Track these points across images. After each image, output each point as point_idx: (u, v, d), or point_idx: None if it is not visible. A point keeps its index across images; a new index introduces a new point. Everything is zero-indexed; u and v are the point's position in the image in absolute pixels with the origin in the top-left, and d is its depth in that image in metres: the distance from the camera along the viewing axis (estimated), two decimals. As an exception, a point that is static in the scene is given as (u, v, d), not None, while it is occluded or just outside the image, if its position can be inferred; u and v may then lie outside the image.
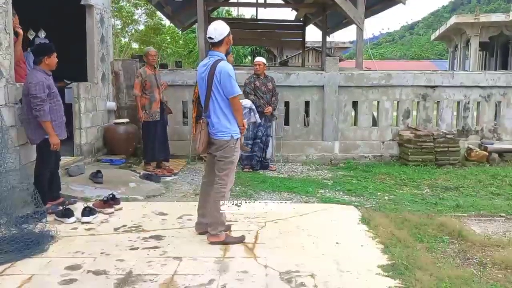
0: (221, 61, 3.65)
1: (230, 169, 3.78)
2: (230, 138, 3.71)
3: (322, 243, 3.82)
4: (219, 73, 3.60)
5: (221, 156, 3.74)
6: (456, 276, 3.10)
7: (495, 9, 49.74)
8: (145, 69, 6.40)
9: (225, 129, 3.70)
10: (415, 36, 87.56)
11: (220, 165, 3.77)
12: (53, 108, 4.46)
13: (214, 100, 3.68)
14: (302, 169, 7.17)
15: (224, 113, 3.69)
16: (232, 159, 3.77)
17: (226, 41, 3.70)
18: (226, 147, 3.71)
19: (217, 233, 3.76)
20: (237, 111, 3.73)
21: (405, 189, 6.00)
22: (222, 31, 3.68)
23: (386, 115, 7.88)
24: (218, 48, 3.71)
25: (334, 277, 3.15)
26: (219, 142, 3.72)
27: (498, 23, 22.41)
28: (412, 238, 3.92)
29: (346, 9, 7.67)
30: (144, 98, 6.35)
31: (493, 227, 4.37)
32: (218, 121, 3.70)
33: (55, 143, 4.44)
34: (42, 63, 4.44)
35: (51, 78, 4.54)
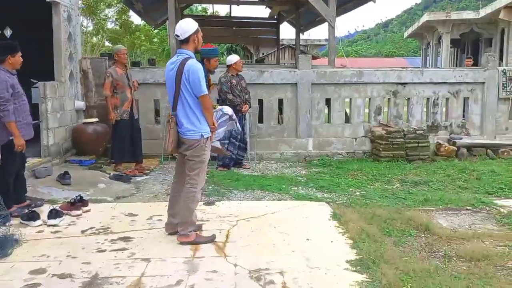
0: (189, 59, 3.62)
1: (200, 169, 3.75)
2: (200, 137, 3.67)
3: (293, 240, 3.84)
4: (187, 71, 3.57)
5: (191, 155, 3.71)
6: (421, 269, 3.16)
7: (466, 6, 50.95)
8: (115, 68, 6.29)
9: (194, 128, 3.67)
10: (389, 33, 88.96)
11: (190, 164, 3.73)
12: (17, 108, 4.34)
13: (183, 99, 3.65)
14: (276, 167, 7.19)
15: (194, 111, 3.66)
16: (202, 159, 3.74)
17: (192, 38, 3.67)
18: (196, 146, 3.68)
19: (187, 233, 3.73)
20: (207, 110, 3.70)
21: (376, 185, 6.08)
22: (188, 28, 3.66)
23: (358, 112, 7.97)
24: (186, 46, 3.69)
25: (303, 274, 3.17)
26: (188, 141, 3.69)
27: (469, 20, 22.98)
28: (381, 233, 3.98)
29: (317, 7, 7.72)
30: (115, 98, 6.25)
31: (459, 220, 4.46)
32: (187, 120, 3.67)
33: (20, 144, 4.31)
34: (5, 62, 4.31)
35: (16, 78, 4.41)
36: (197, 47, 3.77)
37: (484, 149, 7.84)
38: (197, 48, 3.79)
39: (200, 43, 3.82)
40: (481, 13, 21.71)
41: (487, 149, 7.84)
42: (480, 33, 23.36)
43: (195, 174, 3.73)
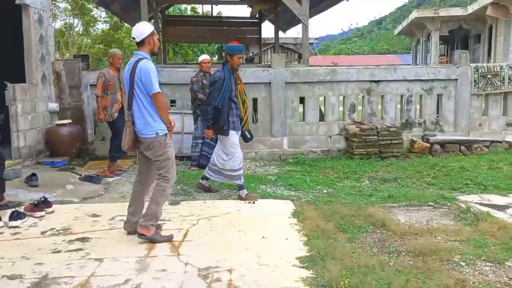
0: (142, 60, 3.74)
1: (168, 166, 3.84)
2: (155, 135, 3.75)
3: (249, 238, 3.89)
4: (139, 71, 3.69)
5: (154, 155, 3.81)
6: (366, 264, 3.22)
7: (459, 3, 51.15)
8: (108, 70, 6.39)
9: (149, 127, 3.75)
10: (383, 30, 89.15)
11: (157, 164, 3.84)
12: None
13: (137, 98, 3.75)
14: (250, 166, 7.23)
15: (148, 110, 3.74)
16: (167, 156, 3.82)
17: (147, 41, 3.79)
18: (154, 145, 3.76)
19: (148, 226, 3.79)
20: (161, 109, 3.77)
21: (346, 182, 6.14)
22: (142, 31, 3.78)
23: (332, 110, 8.03)
24: (142, 47, 3.81)
25: (251, 271, 3.22)
26: (146, 140, 3.77)
27: (457, 17, 23.17)
28: (337, 230, 4.04)
29: (291, 6, 7.77)
30: (106, 99, 6.30)
31: (418, 216, 4.53)
32: (142, 120, 3.75)
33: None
34: None
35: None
36: (153, 49, 3.87)
37: (458, 145, 7.94)
38: (153, 50, 3.89)
39: (156, 45, 3.92)
40: (468, 9, 21.89)
41: (460, 145, 7.94)
42: (468, 29, 23.55)
43: (165, 172, 3.84)
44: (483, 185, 5.69)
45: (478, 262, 3.32)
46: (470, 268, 3.22)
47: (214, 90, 4.98)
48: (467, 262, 3.32)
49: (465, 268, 3.23)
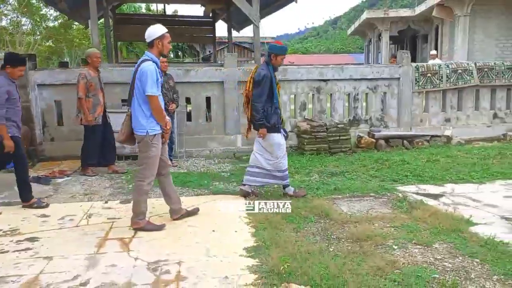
0: (145, 61, 3.93)
1: (147, 164, 4.03)
2: (146, 134, 3.96)
3: (200, 232, 4.03)
4: (139, 72, 3.90)
5: (139, 150, 4.08)
6: (308, 251, 3.45)
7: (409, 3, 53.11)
8: (89, 70, 6.29)
9: (141, 125, 3.96)
10: (338, 30, 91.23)
11: (139, 159, 4.15)
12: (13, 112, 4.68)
13: (135, 97, 3.97)
14: (204, 164, 7.35)
15: (142, 109, 3.94)
16: (148, 154, 4.00)
17: (156, 43, 3.98)
18: (142, 142, 3.99)
19: (137, 221, 4.09)
20: (155, 110, 3.93)
21: (296, 177, 6.37)
22: (152, 33, 3.99)
23: (284, 108, 8.26)
24: (151, 49, 4.01)
25: (199, 263, 3.36)
26: (137, 137, 4.04)
27: (406, 18, 24.20)
28: (284, 221, 4.25)
29: (241, 6, 7.94)
30: (88, 101, 6.22)
31: (360, 206, 4.83)
32: (136, 117, 3.98)
33: (9, 146, 4.60)
34: (5, 69, 4.67)
35: (14, 85, 4.76)
36: (161, 51, 4.04)
37: (401, 140, 8.40)
38: (162, 52, 4.06)
39: (166, 48, 4.07)
40: (416, 10, 22.94)
41: (403, 140, 8.40)
42: (417, 30, 24.66)
43: (142, 168, 4.07)
44: (421, 176, 6.10)
45: (409, 245, 3.63)
46: (401, 251, 3.52)
47: (264, 88, 4.96)
48: (399, 246, 3.62)
49: (396, 251, 3.52)
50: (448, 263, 3.28)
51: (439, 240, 3.72)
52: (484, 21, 19.08)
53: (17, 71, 4.72)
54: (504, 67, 9.05)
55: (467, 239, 3.70)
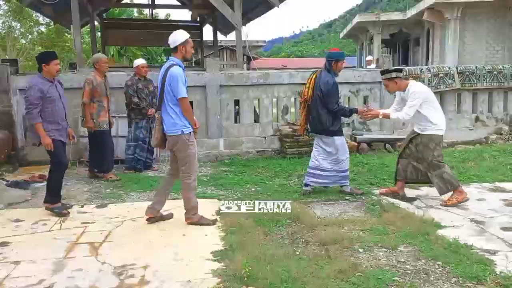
0: (173, 66, 4.12)
1: (190, 161, 4.26)
2: (181, 133, 4.15)
3: (170, 236, 4.06)
4: (169, 77, 4.08)
5: (178, 150, 4.23)
6: (273, 254, 3.49)
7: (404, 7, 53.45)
8: (95, 75, 6.30)
9: (174, 126, 4.15)
10: (333, 33, 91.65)
11: (180, 159, 4.27)
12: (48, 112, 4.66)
13: (165, 100, 4.15)
14: (185, 167, 7.37)
15: (174, 111, 4.13)
16: (188, 153, 4.22)
17: (180, 48, 4.16)
18: (179, 141, 4.17)
19: (191, 216, 4.33)
20: (186, 111, 4.17)
21: (275, 180, 6.42)
22: (176, 39, 4.17)
23: (267, 112, 8.34)
24: (175, 54, 4.20)
25: (165, 266, 3.39)
26: (171, 137, 4.21)
27: (397, 21, 24.34)
28: (255, 224, 4.29)
29: (223, 12, 8.00)
30: (92, 106, 6.24)
31: (333, 209, 4.88)
32: (169, 119, 4.16)
33: (46, 143, 4.61)
34: (42, 70, 4.69)
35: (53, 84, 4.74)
36: (185, 56, 4.24)
37: (383, 143, 8.48)
38: (186, 57, 4.27)
39: (189, 53, 4.27)
40: (407, 14, 23.09)
41: (385, 143, 8.48)
42: (408, 33, 24.84)
43: (186, 168, 4.26)
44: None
45: (374, 248, 3.68)
46: (367, 254, 3.57)
47: (335, 93, 5.28)
48: (365, 249, 3.66)
49: (362, 254, 3.57)
50: (410, 265, 3.33)
51: (405, 243, 3.77)
52: (474, 25, 19.26)
53: (54, 67, 4.71)
54: (485, 71, 9.15)
55: (432, 242, 3.76)
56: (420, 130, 5.07)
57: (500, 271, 3.15)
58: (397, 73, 5.10)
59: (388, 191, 5.41)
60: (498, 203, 4.99)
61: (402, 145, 5.42)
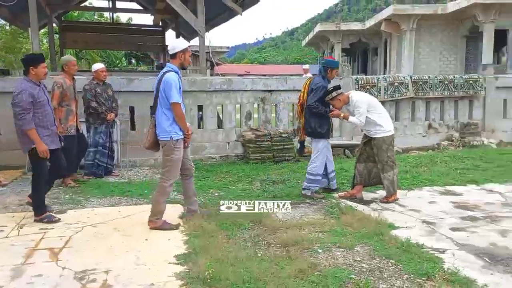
0: (168, 72, 4.23)
1: (171, 166, 4.37)
2: (170, 138, 4.26)
3: (132, 242, 4.05)
4: (164, 82, 4.19)
5: (164, 154, 4.37)
6: (236, 256, 3.56)
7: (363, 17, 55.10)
8: (65, 78, 6.09)
9: (165, 131, 4.26)
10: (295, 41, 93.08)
11: (163, 162, 4.41)
12: (39, 117, 4.55)
13: (159, 105, 4.27)
14: (147, 173, 7.34)
15: (167, 116, 4.24)
16: (172, 158, 4.32)
17: (179, 55, 4.28)
18: (166, 146, 4.30)
19: (154, 220, 4.39)
20: (178, 117, 4.25)
21: (238, 185, 6.50)
22: (175, 46, 4.31)
23: (230, 118, 8.43)
24: (173, 60, 4.32)
25: (128, 271, 3.40)
26: (161, 142, 4.34)
27: (357, 31, 25.17)
28: (218, 228, 4.35)
29: (187, 18, 8.05)
30: (60, 111, 6.02)
31: (295, 212, 5.02)
32: (161, 123, 4.27)
33: (42, 150, 4.49)
34: (29, 73, 4.57)
35: (40, 88, 4.63)
36: (182, 64, 4.35)
37: (342, 149, 8.75)
38: (183, 65, 4.37)
39: (187, 61, 4.39)
40: (366, 24, 23.92)
41: (344, 149, 8.76)
42: (367, 43, 25.70)
43: (166, 171, 4.39)
44: (356, 183, 6.38)
45: (333, 249, 3.83)
46: (325, 254, 3.71)
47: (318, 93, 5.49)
48: (323, 249, 3.81)
49: (321, 254, 3.71)
50: (366, 264, 3.50)
51: (361, 243, 3.95)
52: (429, 36, 20.21)
53: (41, 70, 4.62)
54: (437, 81, 9.66)
55: (386, 242, 3.95)
56: (372, 135, 5.41)
57: (447, 268, 3.37)
58: (336, 91, 5.45)
59: (347, 194, 5.63)
60: (448, 205, 5.29)
61: (358, 150, 5.67)
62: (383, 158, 5.33)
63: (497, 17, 16.51)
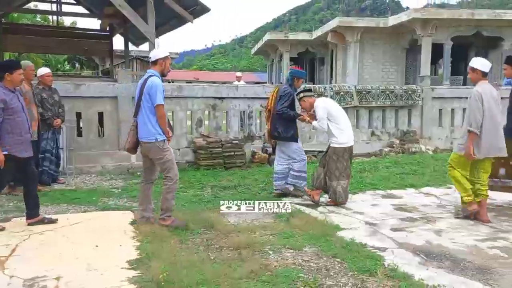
0: (152, 77, 4.46)
1: (169, 166, 4.59)
2: (155, 140, 4.45)
3: (82, 248, 4.00)
4: (148, 85, 4.40)
5: (155, 158, 4.57)
6: (189, 260, 3.63)
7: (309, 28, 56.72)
8: (24, 83, 5.76)
9: (149, 133, 4.45)
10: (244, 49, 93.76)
11: (160, 165, 4.61)
12: (11, 124, 4.47)
13: (143, 107, 4.44)
14: (95, 180, 7.19)
15: (150, 119, 4.43)
16: (166, 158, 4.55)
17: (160, 62, 4.55)
18: (153, 148, 4.48)
19: (165, 218, 4.56)
20: (160, 118, 4.46)
21: (189, 191, 6.54)
22: (157, 54, 4.57)
23: (181, 124, 8.44)
24: (154, 67, 4.56)
25: (79, 277, 3.37)
26: (145, 144, 4.51)
27: (305, 41, 25.87)
28: (171, 233, 4.39)
29: (137, 24, 8.00)
30: None
31: (246, 216, 5.14)
32: (144, 126, 4.45)
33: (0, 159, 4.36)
34: (4, 79, 4.51)
35: (14, 94, 4.57)
36: (163, 70, 4.59)
37: (314, 153, 9.00)
38: (163, 71, 4.59)
39: (167, 68, 4.64)
40: (314, 35, 24.66)
41: (316, 154, 9.01)
42: (315, 52, 26.50)
43: (167, 172, 4.60)
44: (304, 188, 6.63)
45: (283, 250, 3.99)
46: (276, 255, 3.86)
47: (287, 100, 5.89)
48: (274, 251, 3.96)
49: (271, 255, 3.86)
50: (314, 263, 3.69)
51: (309, 244, 4.14)
52: (372, 48, 21.17)
53: (17, 76, 4.58)
54: (379, 91, 10.21)
55: (333, 242, 4.17)
56: (329, 142, 5.78)
57: (388, 265, 3.63)
58: (304, 93, 5.93)
59: (308, 192, 5.95)
60: (389, 207, 5.64)
61: (323, 154, 5.96)
62: (331, 167, 5.63)
63: (434, 31, 17.64)
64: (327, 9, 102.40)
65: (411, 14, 17.56)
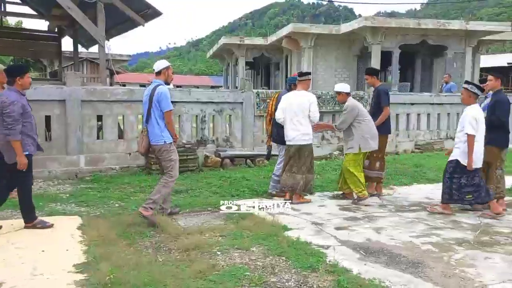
0: (159, 86, 4.94)
1: (172, 166, 5.05)
2: (164, 143, 4.96)
3: (27, 253, 3.94)
4: (158, 94, 4.88)
5: (162, 158, 5.05)
6: (137, 262, 3.67)
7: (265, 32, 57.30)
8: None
9: (159, 137, 4.94)
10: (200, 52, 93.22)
11: (164, 164, 5.07)
12: (27, 127, 4.60)
13: (153, 114, 4.91)
14: (41, 185, 7.00)
15: (159, 124, 4.92)
16: (171, 158, 5.03)
17: (163, 72, 5.05)
18: (161, 150, 4.98)
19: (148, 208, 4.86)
20: (168, 123, 4.99)
21: (140, 196, 6.51)
22: (160, 65, 5.08)
23: (131, 128, 8.37)
24: (158, 77, 5.05)
25: (24, 281, 3.33)
26: (156, 146, 5.00)
27: (260, 46, 26.15)
28: (119, 237, 4.39)
29: (87, 27, 7.89)
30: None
31: (197, 219, 5.23)
32: (154, 130, 4.94)
33: (23, 163, 4.50)
34: (15, 83, 4.57)
35: (25, 98, 4.70)
36: (166, 79, 5.09)
37: (244, 159, 9.15)
38: (167, 80, 5.09)
39: (170, 76, 5.12)
40: (269, 40, 25.00)
41: (246, 159, 9.16)
42: (270, 57, 26.85)
43: (169, 170, 5.05)
44: (256, 191, 6.80)
45: (231, 250, 4.11)
46: (224, 256, 3.98)
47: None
48: (222, 251, 4.07)
49: (219, 256, 3.97)
50: (260, 262, 3.84)
51: (257, 244, 4.28)
52: (325, 53, 21.76)
53: (27, 80, 4.69)
54: (329, 96, 10.59)
55: (280, 242, 4.34)
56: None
57: (329, 261, 3.84)
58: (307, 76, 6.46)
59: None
60: (335, 208, 5.91)
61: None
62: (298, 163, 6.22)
63: (383, 39, 18.42)
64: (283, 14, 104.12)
65: (361, 22, 18.26)
